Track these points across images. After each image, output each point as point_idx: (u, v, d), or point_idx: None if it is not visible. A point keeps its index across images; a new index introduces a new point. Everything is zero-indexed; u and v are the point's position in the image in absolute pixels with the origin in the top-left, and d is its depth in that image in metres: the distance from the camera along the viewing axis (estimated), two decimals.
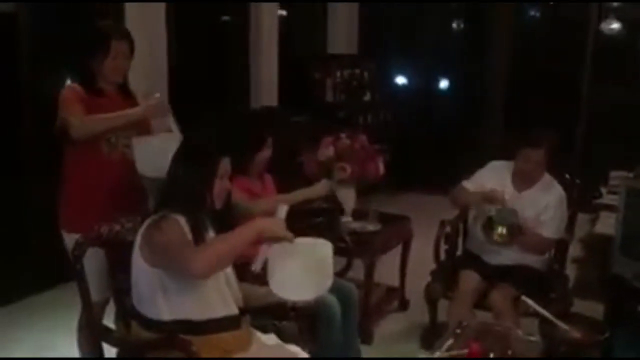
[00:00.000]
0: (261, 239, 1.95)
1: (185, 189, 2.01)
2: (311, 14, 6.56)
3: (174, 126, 2.55)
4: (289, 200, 2.84)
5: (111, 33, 2.55)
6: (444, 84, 7.21)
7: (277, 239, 1.95)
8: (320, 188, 3.00)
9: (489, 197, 2.99)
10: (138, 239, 1.98)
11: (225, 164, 2.07)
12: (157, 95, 2.66)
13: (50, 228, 2.64)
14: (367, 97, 6.45)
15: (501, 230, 2.94)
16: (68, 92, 2.51)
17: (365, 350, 3.16)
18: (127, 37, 2.59)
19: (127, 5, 4.13)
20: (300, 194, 2.92)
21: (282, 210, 2.00)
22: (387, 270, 3.79)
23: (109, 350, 2.16)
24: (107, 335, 2.18)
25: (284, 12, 5.96)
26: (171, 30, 4.54)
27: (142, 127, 2.58)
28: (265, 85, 5.63)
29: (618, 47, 6.31)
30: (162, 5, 4.43)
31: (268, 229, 1.94)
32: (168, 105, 2.62)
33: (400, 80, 7.10)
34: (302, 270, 2.01)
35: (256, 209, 2.71)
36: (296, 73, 6.10)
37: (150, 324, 2.00)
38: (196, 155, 2.07)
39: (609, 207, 3.78)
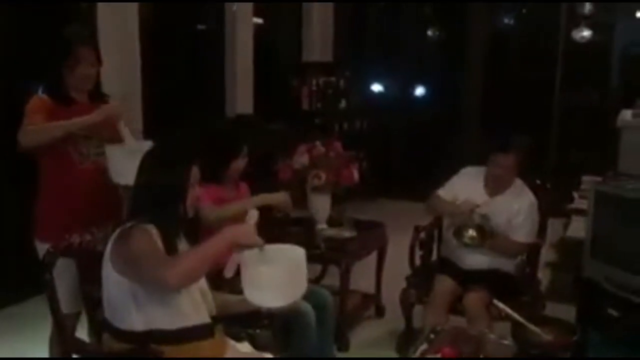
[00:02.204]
0: (233, 247, 1.94)
1: (157, 197, 1.98)
2: (287, 22, 6.58)
3: (126, 134, 2.47)
4: (244, 206, 2.82)
5: (73, 39, 2.48)
6: (419, 91, 7.27)
7: (249, 246, 1.94)
8: (279, 196, 2.97)
9: (460, 211, 3.03)
10: (108, 249, 1.95)
11: (195, 172, 2.06)
12: (114, 102, 2.59)
13: (27, 239, 2.60)
14: (342, 104, 6.48)
15: (471, 233, 2.98)
16: (32, 103, 2.45)
17: (342, 357, 3.16)
18: (90, 43, 2.52)
19: (99, 12, 4.09)
20: (260, 199, 2.89)
21: (253, 216, 2.00)
22: (362, 276, 3.80)
23: None
24: (78, 347, 2.15)
25: (259, 21, 5.97)
26: (146, 39, 4.51)
27: (108, 134, 2.51)
28: (241, 93, 5.62)
29: (589, 53, 6.43)
30: (135, 12, 4.40)
31: (240, 237, 1.92)
32: (123, 112, 2.54)
33: (376, 87, 7.15)
34: (276, 277, 2.00)
35: (210, 217, 2.68)
36: (272, 81, 6.12)
37: (122, 335, 1.97)
38: (167, 164, 2.05)
39: (581, 212, 3.83)
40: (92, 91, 2.58)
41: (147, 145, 2.41)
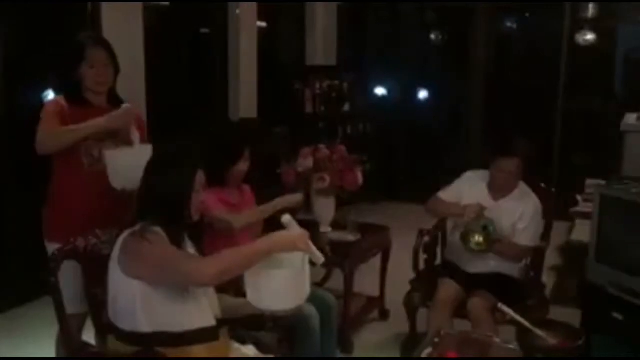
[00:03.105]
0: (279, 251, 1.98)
1: (164, 201, 1.99)
2: (290, 25, 6.59)
3: (135, 139, 2.47)
4: (266, 211, 2.86)
5: (85, 41, 2.52)
6: (423, 94, 7.27)
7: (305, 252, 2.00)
8: (294, 197, 2.99)
9: (466, 213, 3.03)
10: (116, 252, 1.96)
11: (200, 176, 2.07)
12: (127, 105, 2.57)
13: (33, 240, 2.60)
14: (346, 108, 6.49)
15: (478, 238, 2.98)
16: (48, 106, 2.48)
17: None
18: (102, 44, 2.55)
19: (104, 16, 4.11)
20: (277, 204, 2.91)
21: (291, 221, 2.02)
22: (366, 280, 3.80)
23: None
24: (83, 349, 2.15)
25: (263, 24, 5.98)
26: (150, 43, 4.53)
27: (123, 137, 2.51)
28: (245, 97, 5.64)
29: (593, 57, 6.42)
30: (140, 16, 4.42)
31: (288, 243, 1.98)
32: (134, 116, 2.53)
33: (380, 91, 7.15)
34: (280, 281, 2.01)
35: (236, 224, 2.71)
36: (275, 84, 6.13)
37: (127, 336, 1.98)
38: (173, 167, 2.06)
39: (585, 215, 3.82)
40: (110, 94, 2.59)
41: (146, 149, 2.42)
